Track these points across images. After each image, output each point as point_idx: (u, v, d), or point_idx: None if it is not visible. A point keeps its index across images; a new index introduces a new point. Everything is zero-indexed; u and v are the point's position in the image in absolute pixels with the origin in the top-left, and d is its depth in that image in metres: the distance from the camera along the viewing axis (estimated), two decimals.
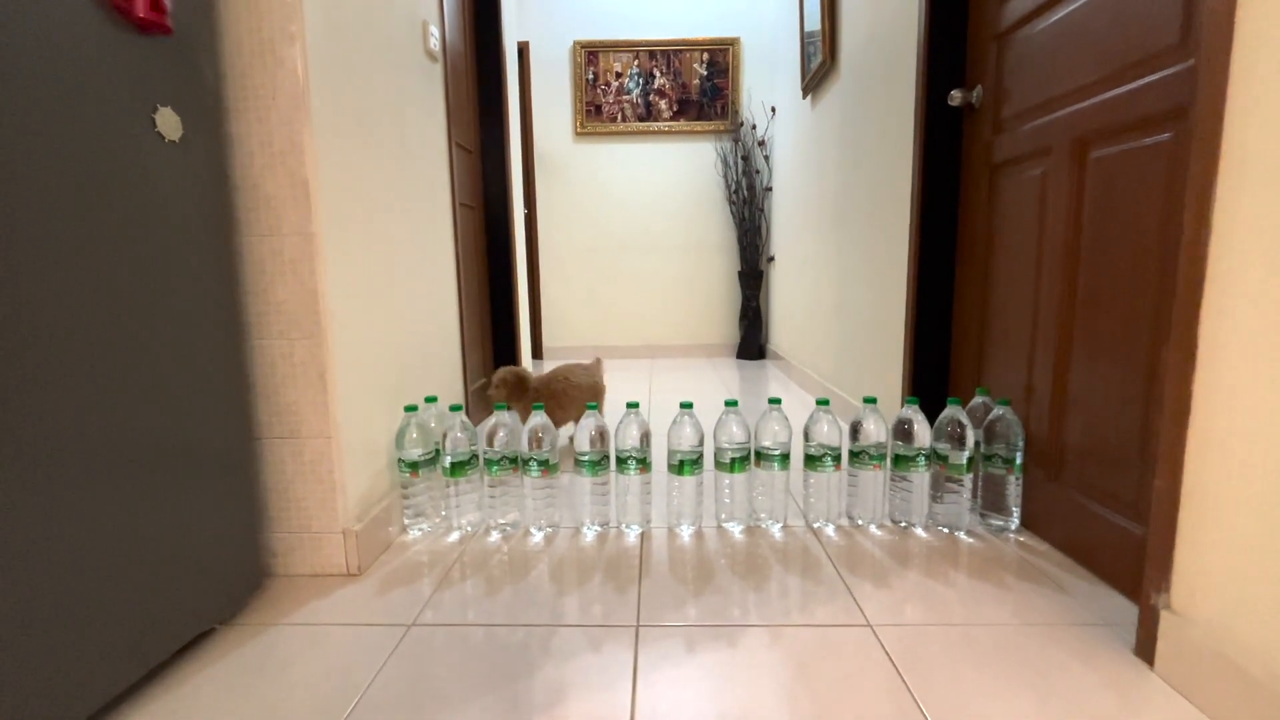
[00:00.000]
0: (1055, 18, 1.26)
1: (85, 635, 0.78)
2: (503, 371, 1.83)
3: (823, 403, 1.38)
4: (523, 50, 3.82)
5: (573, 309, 4.09)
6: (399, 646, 0.99)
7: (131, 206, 0.84)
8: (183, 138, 0.93)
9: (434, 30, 1.77)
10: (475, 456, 1.40)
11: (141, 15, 0.84)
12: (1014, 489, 1.33)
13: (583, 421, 1.37)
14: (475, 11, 2.44)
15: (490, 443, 1.37)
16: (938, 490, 1.36)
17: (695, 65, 3.87)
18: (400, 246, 1.52)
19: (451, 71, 1.97)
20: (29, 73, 0.71)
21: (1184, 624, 0.85)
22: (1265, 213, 0.75)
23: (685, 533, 1.38)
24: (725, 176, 3.90)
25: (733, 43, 3.83)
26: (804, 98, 2.98)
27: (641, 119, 3.91)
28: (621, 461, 1.36)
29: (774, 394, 2.86)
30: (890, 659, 0.94)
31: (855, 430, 1.37)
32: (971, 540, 1.32)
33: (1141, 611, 0.92)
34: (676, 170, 3.96)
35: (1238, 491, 0.79)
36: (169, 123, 0.90)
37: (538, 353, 4.08)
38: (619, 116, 3.91)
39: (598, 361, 2.06)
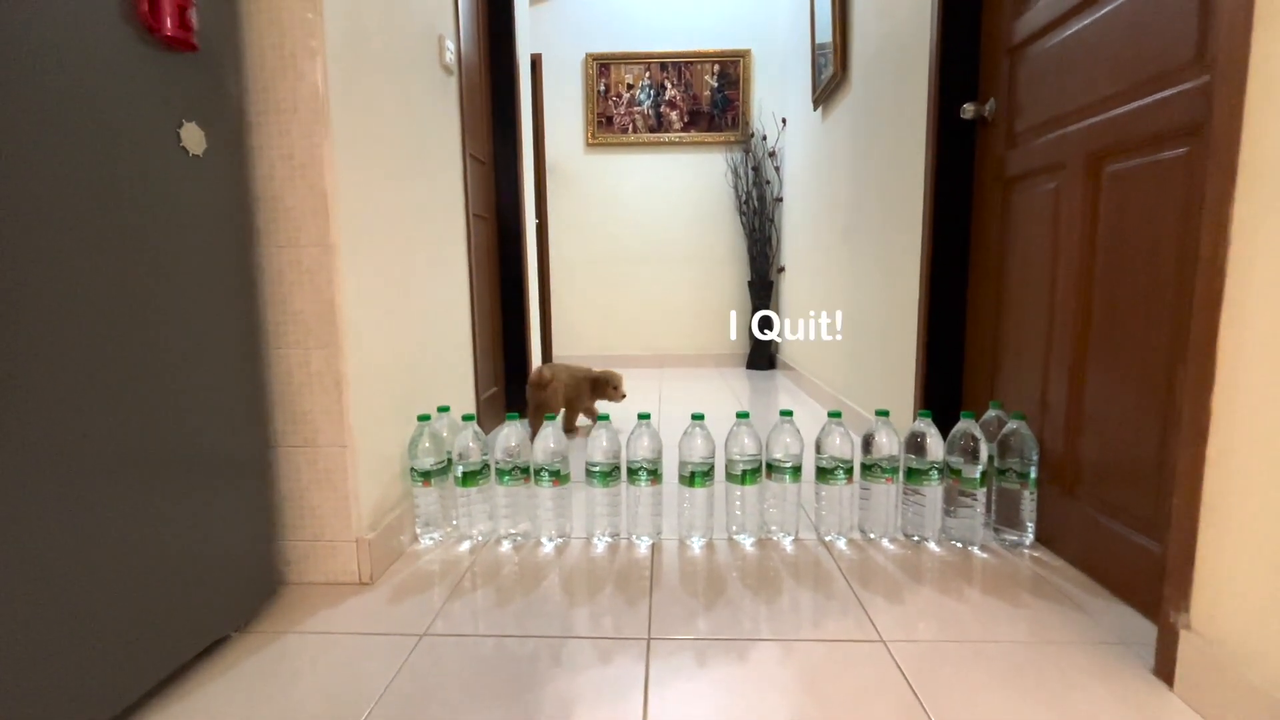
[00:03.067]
0: (1068, 33, 1.26)
1: (101, 641, 0.79)
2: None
3: (835, 415, 1.38)
4: (535, 62, 3.85)
5: (583, 318, 4.11)
6: (411, 656, 0.99)
7: (155, 219, 0.86)
8: (206, 151, 0.95)
9: (450, 44, 1.80)
10: (487, 466, 1.41)
11: (169, 33, 0.86)
12: (1028, 504, 1.32)
13: (594, 432, 1.37)
14: (490, 25, 2.47)
15: (504, 453, 1.37)
16: (951, 504, 1.35)
17: (706, 77, 3.89)
18: (415, 257, 1.54)
19: (466, 84, 2.00)
20: (59, 88, 0.73)
21: (1204, 644, 0.84)
22: None
23: (696, 544, 1.37)
24: (736, 187, 3.92)
25: (743, 54, 3.85)
26: (815, 109, 2.99)
27: (652, 130, 3.93)
28: (633, 472, 1.36)
29: (784, 405, 2.86)
30: (904, 676, 0.93)
31: (867, 443, 1.37)
32: (985, 555, 1.31)
33: (1160, 631, 0.91)
34: (687, 181, 3.98)
35: (1259, 509, 0.78)
36: (193, 137, 0.92)
37: (547, 362, 4.09)
38: (630, 127, 3.93)
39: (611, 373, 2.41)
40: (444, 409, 1.49)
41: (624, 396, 2.42)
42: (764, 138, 3.87)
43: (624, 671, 0.95)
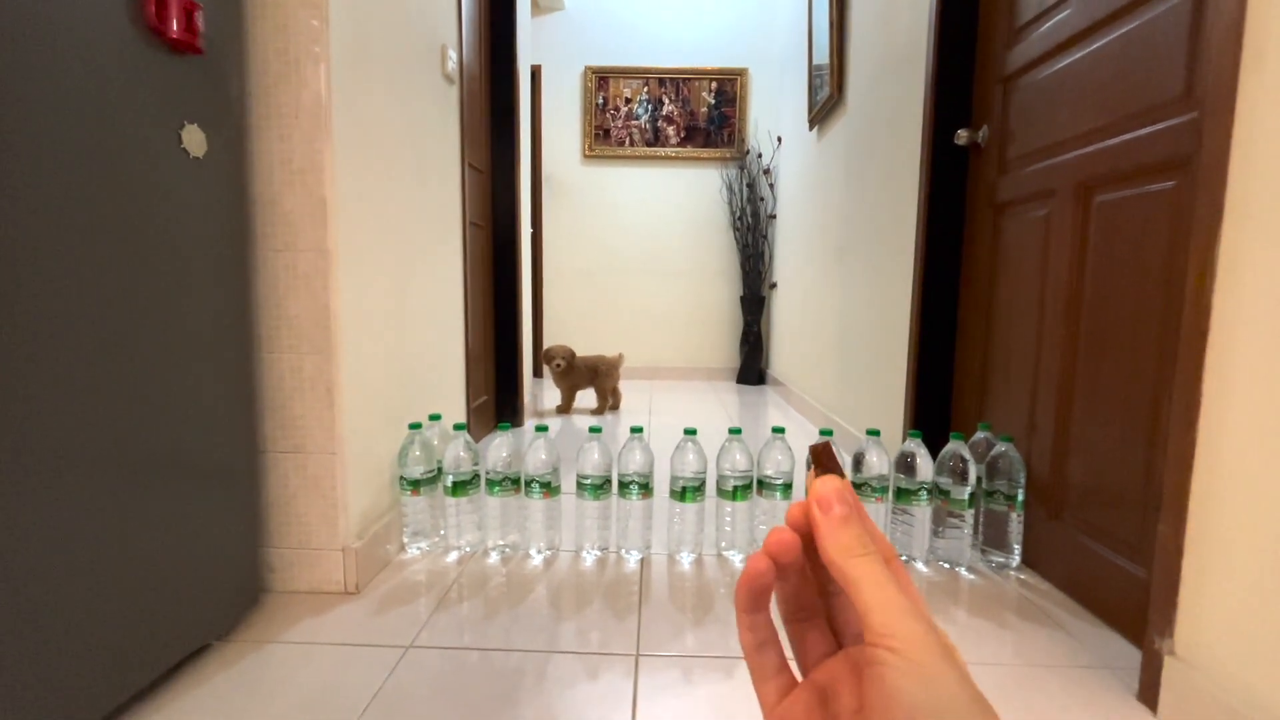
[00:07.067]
0: (1061, 65, 1.29)
1: (78, 650, 0.77)
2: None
3: (826, 433, 1.38)
4: (535, 73, 3.88)
5: (575, 329, 4.11)
6: (396, 669, 0.98)
7: (153, 220, 0.85)
8: (207, 154, 0.95)
9: (452, 53, 1.81)
10: (477, 476, 1.40)
11: (174, 36, 0.86)
12: (1015, 526, 1.33)
13: (585, 446, 1.37)
14: (491, 35, 2.49)
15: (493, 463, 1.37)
16: (939, 525, 1.36)
17: (704, 94, 3.93)
18: (411, 264, 1.54)
19: (467, 93, 2.01)
20: (65, 88, 0.72)
21: (1188, 670, 0.85)
22: (1268, 262, 0.77)
23: (685, 560, 1.37)
24: (730, 203, 3.95)
25: (741, 73, 3.90)
26: (810, 129, 3.03)
27: (649, 144, 3.96)
28: (624, 486, 1.36)
29: (774, 421, 2.87)
30: None
31: (858, 462, 1.38)
32: (972, 577, 1.31)
33: (1145, 656, 0.92)
34: (682, 195, 4.01)
35: (1243, 537, 0.79)
36: (194, 139, 0.92)
37: (539, 371, 4.08)
38: (627, 141, 3.96)
39: (618, 356, 3.01)
40: (435, 417, 1.48)
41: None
42: (759, 155, 3.91)
43: (612, 687, 0.94)
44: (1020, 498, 1.31)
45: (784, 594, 0.27)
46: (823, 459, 0.25)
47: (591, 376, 2.93)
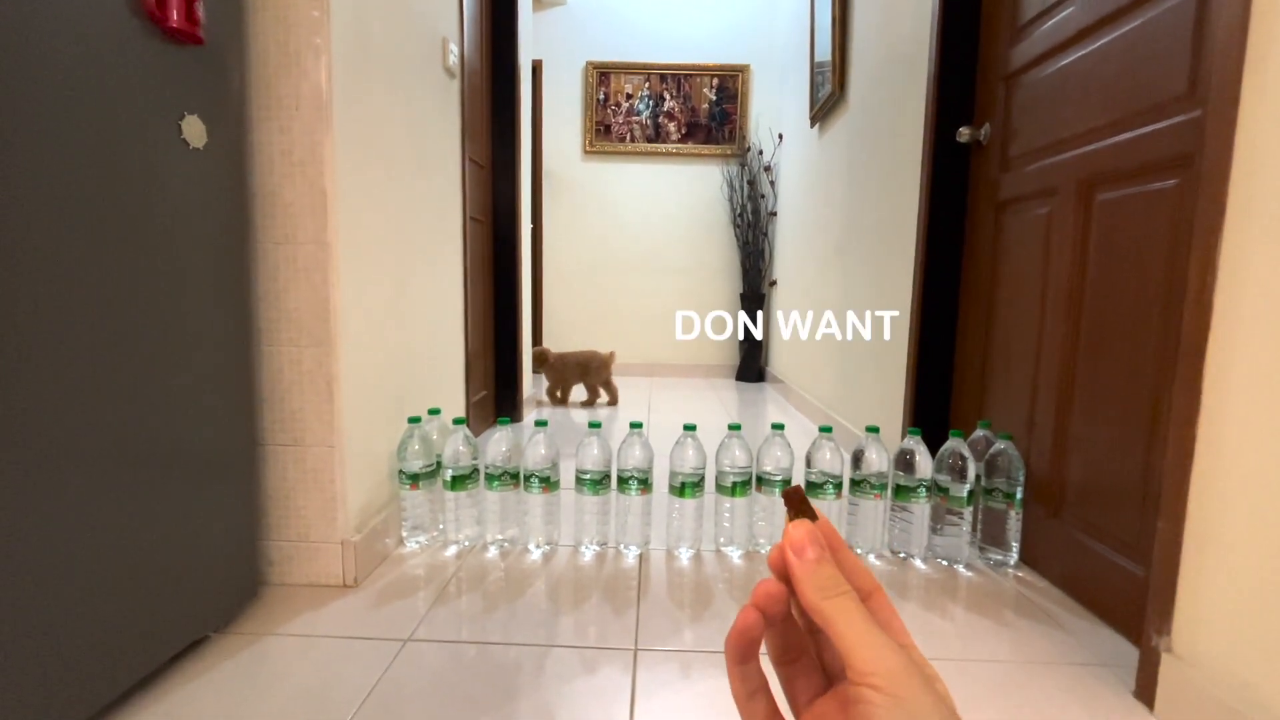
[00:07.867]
0: (1064, 63, 1.29)
1: (75, 640, 0.77)
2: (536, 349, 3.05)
3: (825, 430, 1.38)
4: (536, 68, 3.87)
5: (574, 325, 4.10)
6: (394, 662, 0.98)
7: (152, 211, 0.85)
8: (206, 145, 0.94)
9: (453, 47, 1.80)
10: (476, 470, 1.40)
11: (175, 25, 0.85)
12: (1014, 524, 1.33)
13: (585, 441, 1.37)
14: (493, 29, 2.48)
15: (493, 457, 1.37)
16: (938, 522, 1.36)
17: (705, 90, 3.93)
18: (411, 258, 1.54)
19: (468, 88, 2.00)
20: (64, 78, 0.72)
21: (1185, 667, 0.85)
22: (1271, 260, 0.76)
23: (684, 555, 1.37)
24: (730, 200, 3.95)
25: (742, 69, 3.89)
26: (811, 126, 3.03)
27: (650, 140, 3.96)
28: (623, 481, 1.36)
29: (773, 418, 2.87)
30: None
31: (857, 459, 1.38)
32: (970, 574, 1.31)
33: (1142, 653, 0.92)
34: (682, 192, 4.00)
35: (1242, 535, 0.79)
36: (194, 130, 0.91)
37: (538, 367, 4.07)
38: (628, 137, 3.95)
39: (610, 354, 3.08)
40: (435, 411, 1.48)
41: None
42: (760, 152, 3.91)
43: (610, 682, 0.94)
44: (1019, 495, 1.31)
45: (772, 638, 0.27)
46: (795, 503, 0.26)
47: (581, 373, 3.06)
